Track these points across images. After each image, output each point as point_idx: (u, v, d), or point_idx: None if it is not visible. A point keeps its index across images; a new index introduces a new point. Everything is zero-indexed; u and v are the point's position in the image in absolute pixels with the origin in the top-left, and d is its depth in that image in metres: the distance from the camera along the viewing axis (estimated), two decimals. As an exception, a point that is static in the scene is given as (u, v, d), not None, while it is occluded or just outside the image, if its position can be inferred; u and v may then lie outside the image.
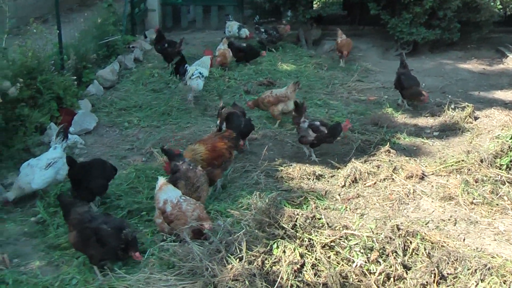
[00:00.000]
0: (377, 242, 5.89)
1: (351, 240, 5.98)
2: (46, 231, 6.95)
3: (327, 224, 6.27)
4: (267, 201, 6.44)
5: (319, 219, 6.38)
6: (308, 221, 6.25)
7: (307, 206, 7.09)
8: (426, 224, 6.92)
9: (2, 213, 7.45)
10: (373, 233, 6.10)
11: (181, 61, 11.81)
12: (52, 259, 6.37)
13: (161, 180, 6.65)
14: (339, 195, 7.79)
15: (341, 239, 5.98)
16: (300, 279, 5.41)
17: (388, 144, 9.05)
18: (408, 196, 7.73)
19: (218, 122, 8.39)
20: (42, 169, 7.53)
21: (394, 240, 5.95)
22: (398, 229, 6.17)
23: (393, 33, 15.76)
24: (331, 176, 8.37)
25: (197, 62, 12.24)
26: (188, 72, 11.53)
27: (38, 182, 7.49)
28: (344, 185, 8.02)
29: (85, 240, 5.90)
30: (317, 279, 5.40)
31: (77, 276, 5.91)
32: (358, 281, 5.49)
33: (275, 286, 5.19)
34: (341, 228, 6.18)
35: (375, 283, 5.42)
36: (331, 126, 8.96)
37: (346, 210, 7.28)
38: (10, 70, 9.10)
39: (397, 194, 7.75)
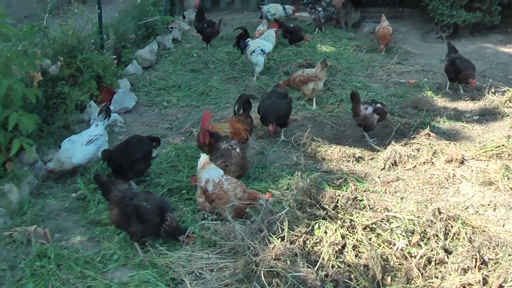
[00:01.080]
0: (418, 225, 5.86)
1: (392, 222, 5.96)
2: (87, 207, 7.03)
3: (369, 206, 6.25)
4: (308, 181, 6.43)
5: (361, 200, 6.39)
6: (349, 202, 6.25)
7: (347, 188, 7.06)
8: (465, 209, 6.84)
9: (43, 188, 7.56)
10: (414, 216, 6.06)
11: (243, 35, 12.05)
12: (93, 234, 6.44)
13: (204, 158, 6.58)
14: (378, 177, 7.75)
15: (382, 221, 5.97)
16: (341, 260, 5.41)
17: (428, 128, 8.98)
18: (448, 180, 7.64)
19: (236, 107, 8.46)
20: (83, 145, 7.61)
21: (435, 223, 5.91)
22: (440, 212, 6.13)
23: (434, 15, 15.60)
24: (371, 159, 8.33)
25: (262, 37, 12.57)
26: (249, 46, 11.82)
27: (78, 157, 7.57)
28: (384, 168, 7.97)
29: (126, 217, 5.93)
30: (358, 261, 5.39)
31: (118, 252, 5.97)
32: (399, 264, 5.46)
33: (317, 266, 5.18)
34: (382, 210, 6.15)
35: (416, 266, 5.38)
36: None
37: (386, 193, 7.23)
38: (51, 49, 9.19)
39: (437, 178, 7.66)
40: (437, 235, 5.78)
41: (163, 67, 12.87)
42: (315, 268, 5.14)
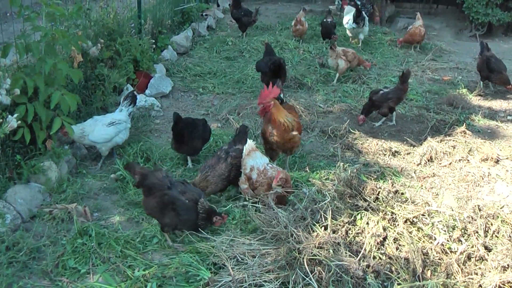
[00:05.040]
0: (459, 221, 5.84)
1: (433, 217, 5.94)
2: (126, 188, 7.07)
3: (410, 199, 6.25)
4: (349, 172, 6.44)
5: (402, 194, 6.38)
6: (390, 195, 6.25)
7: (384, 182, 7.05)
8: (501, 208, 6.76)
9: (81, 167, 7.64)
10: (455, 211, 6.04)
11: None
12: (132, 215, 6.47)
13: (250, 145, 6.54)
14: (414, 172, 7.75)
15: (423, 215, 5.96)
16: (382, 251, 5.41)
17: (464, 125, 8.98)
18: (483, 178, 7.61)
19: (281, 94, 8.19)
20: (104, 126, 7.60)
21: (476, 220, 5.88)
22: (479, 209, 6.11)
23: (468, 13, 15.59)
24: (407, 154, 8.35)
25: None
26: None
27: (96, 135, 7.53)
28: (420, 164, 7.99)
29: (162, 208, 5.83)
30: (399, 253, 5.38)
31: (159, 235, 5.99)
32: (439, 259, 5.45)
33: (359, 256, 5.19)
34: (423, 204, 6.14)
35: (456, 262, 5.36)
36: None
37: (422, 188, 7.22)
38: (92, 31, 9.27)
39: (472, 176, 7.64)
40: (477, 232, 5.75)
41: (198, 54, 12.99)
42: (357, 258, 5.15)
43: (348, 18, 14.11)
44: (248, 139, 6.67)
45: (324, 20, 14.19)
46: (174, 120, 7.56)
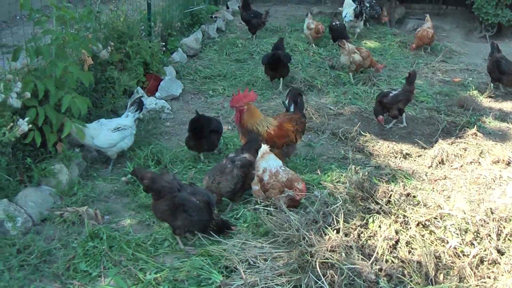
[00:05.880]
0: (471, 224, 5.80)
1: (445, 220, 5.91)
2: (137, 191, 7.06)
3: (422, 202, 6.22)
4: (361, 175, 6.42)
5: (414, 197, 6.35)
6: (402, 198, 6.22)
7: (395, 184, 7.02)
8: (513, 211, 6.77)
9: (92, 170, 7.64)
10: (467, 215, 6.00)
11: None
12: (143, 218, 6.47)
13: (264, 148, 6.58)
14: (426, 175, 7.70)
15: (436, 219, 5.93)
16: (394, 255, 5.38)
17: (475, 127, 8.94)
18: (494, 181, 7.55)
19: (286, 101, 8.06)
20: (109, 131, 7.56)
21: (488, 223, 5.84)
22: (492, 212, 6.07)
23: (478, 14, 15.49)
24: (418, 156, 8.30)
25: None
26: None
27: (101, 140, 7.50)
28: (431, 166, 7.95)
29: (173, 210, 5.82)
30: (411, 257, 5.35)
31: (170, 238, 5.99)
32: (452, 262, 5.41)
33: (371, 260, 5.17)
34: (435, 208, 6.11)
35: (469, 265, 5.33)
36: None
37: (433, 191, 7.18)
38: (102, 33, 9.27)
39: (484, 178, 7.59)
40: (490, 235, 5.71)
41: (208, 56, 13.01)
42: (370, 262, 5.13)
43: (346, 12, 14.64)
44: (262, 144, 6.69)
45: (333, 23, 14.05)
46: (196, 117, 7.72)
